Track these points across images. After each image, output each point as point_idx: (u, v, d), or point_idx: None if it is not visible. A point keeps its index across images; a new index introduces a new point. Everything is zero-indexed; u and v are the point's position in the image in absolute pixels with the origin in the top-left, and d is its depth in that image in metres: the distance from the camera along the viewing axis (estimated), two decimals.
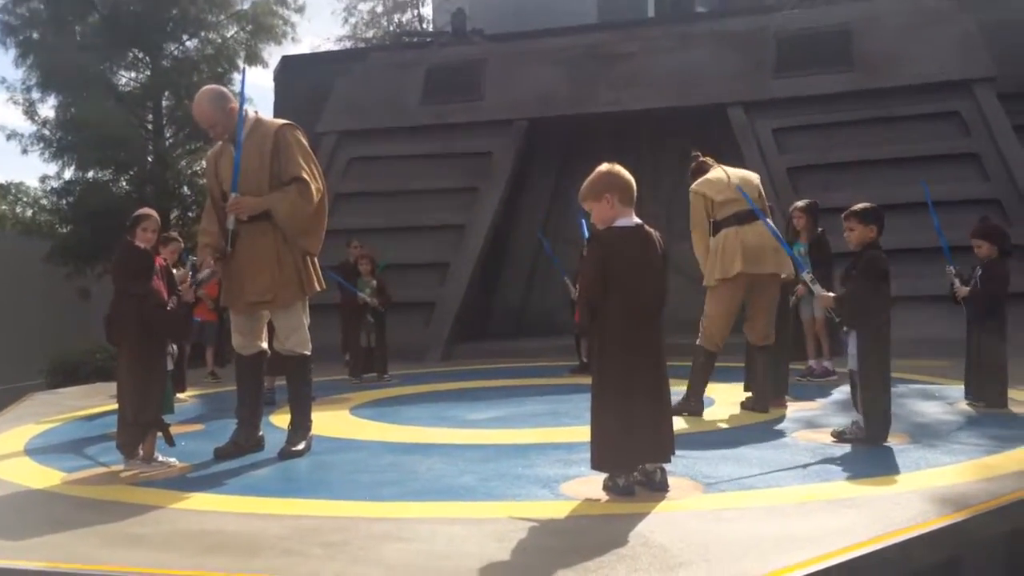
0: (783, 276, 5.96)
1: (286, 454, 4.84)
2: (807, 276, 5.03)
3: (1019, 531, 3.35)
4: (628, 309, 3.69)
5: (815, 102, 11.91)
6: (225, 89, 5.03)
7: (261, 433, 5.11)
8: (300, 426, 5.03)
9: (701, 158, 6.23)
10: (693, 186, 6.05)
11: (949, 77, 11.51)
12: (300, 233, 4.91)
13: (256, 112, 5.08)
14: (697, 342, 5.99)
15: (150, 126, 17.52)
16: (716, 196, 5.89)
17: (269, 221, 4.83)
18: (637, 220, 3.81)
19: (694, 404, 5.89)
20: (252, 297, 4.84)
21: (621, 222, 3.77)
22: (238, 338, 5.05)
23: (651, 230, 3.86)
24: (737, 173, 6.04)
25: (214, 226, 5.00)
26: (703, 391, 5.95)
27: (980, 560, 3.29)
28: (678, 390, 5.79)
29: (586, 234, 4.58)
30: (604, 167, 3.85)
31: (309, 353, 5.04)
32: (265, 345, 5.14)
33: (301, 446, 4.94)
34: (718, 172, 6.05)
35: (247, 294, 4.84)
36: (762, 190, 6.08)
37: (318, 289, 5.07)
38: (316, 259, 5.09)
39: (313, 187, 4.89)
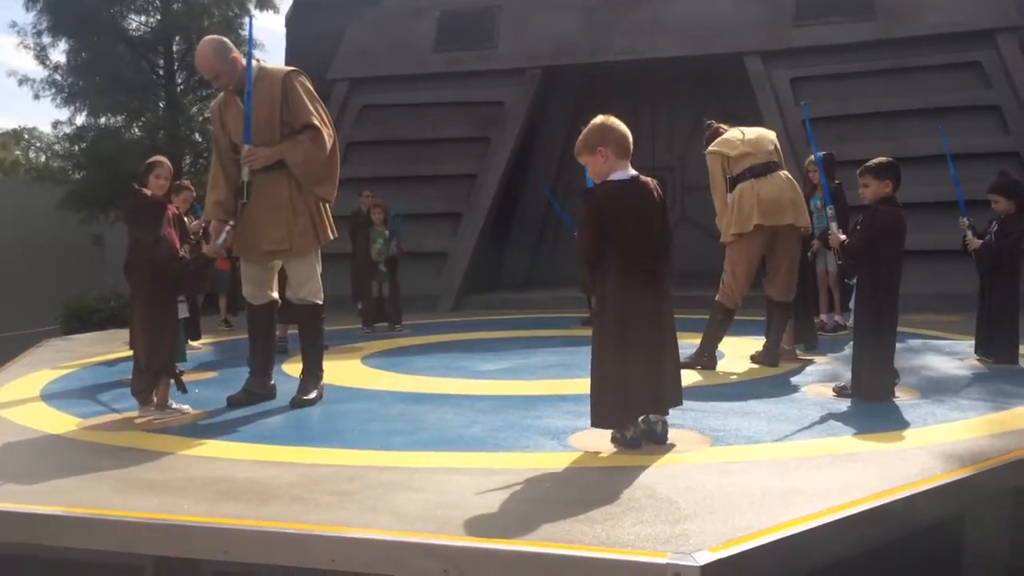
0: (802, 229, 5.90)
1: (298, 403, 4.89)
2: (829, 211, 5.08)
3: None
4: (627, 263, 3.67)
5: (834, 51, 11.68)
6: (226, 39, 4.97)
7: (273, 382, 5.16)
8: (312, 375, 5.07)
9: (715, 125, 6.19)
10: (710, 147, 6.03)
11: (971, 26, 11.26)
12: (315, 181, 4.91)
13: (259, 61, 5.02)
14: (716, 298, 5.97)
15: (161, 71, 17.40)
16: (731, 152, 5.85)
17: (283, 170, 4.83)
18: (633, 172, 3.77)
19: (707, 359, 5.90)
20: (268, 247, 4.85)
21: (616, 175, 3.73)
22: (250, 288, 5.07)
23: (648, 180, 3.81)
24: (752, 130, 5.99)
25: (223, 180, 4.97)
26: (716, 347, 5.96)
27: (986, 515, 3.30)
28: (692, 343, 5.82)
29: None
30: (598, 119, 3.80)
31: (321, 302, 5.07)
32: (276, 295, 5.16)
33: (313, 395, 4.98)
34: (733, 131, 6.04)
35: (263, 243, 4.85)
36: (778, 145, 6.01)
37: (332, 237, 5.09)
38: (329, 208, 5.09)
39: (325, 133, 4.88)
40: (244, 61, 4.87)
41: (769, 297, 6.02)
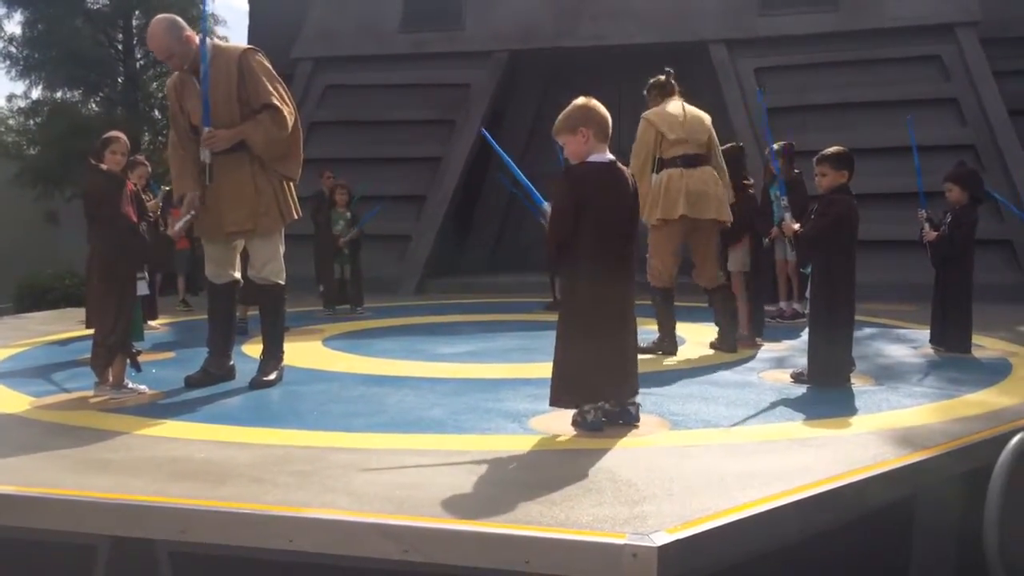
0: (723, 223, 5.95)
1: (257, 383, 4.86)
2: (783, 201, 5.18)
3: (974, 471, 3.44)
4: (597, 246, 3.68)
5: (798, 42, 11.79)
6: (178, 18, 4.86)
7: (232, 362, 5.10)
8: (272, 356, 5.03)
9: (671, 80, 6.08)
10: (647, 113, 5.94)
11: (933, 20, 11.43)
12: (278, 160, 4.87)
13: (213, 40, 4.93)
14: (650, 283, 5.97)
15: (120, 46, 17.04)
16: (669, 134, 5.81)
17: (245, 151, 4.78)
18: (611, 157, 3.78)
19: (668, 344, 5.94)
20: (231, 227, 4.81)
21: (595, 158, 3.74)
22: (211, 267, 5.01)
23: (623, 167, 3.84)
24: (692, 113, 5.94)
25: (189, 162, 4.86)
26: (673, 329, 6.00)
27: (935, 499, 3.38)
28: (651, 328, 5.86)
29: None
30: (580, 100, 3.80)
31: (283, 283, 5.03)
32: (238, 274, 5.11)
33: (273, 376, 4.95)
34: (676, 107, 5.92)
35: (226, 224, 4.80)
36: (713, 134, 6.01)
37: (296, 217, 5.05)
38: (293, 187, 5.05)
39: (285, 111, 4.83)
40: (198, 40, 4.77)
41: (701, 286, 6.11)
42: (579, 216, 3.68)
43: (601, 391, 3.75)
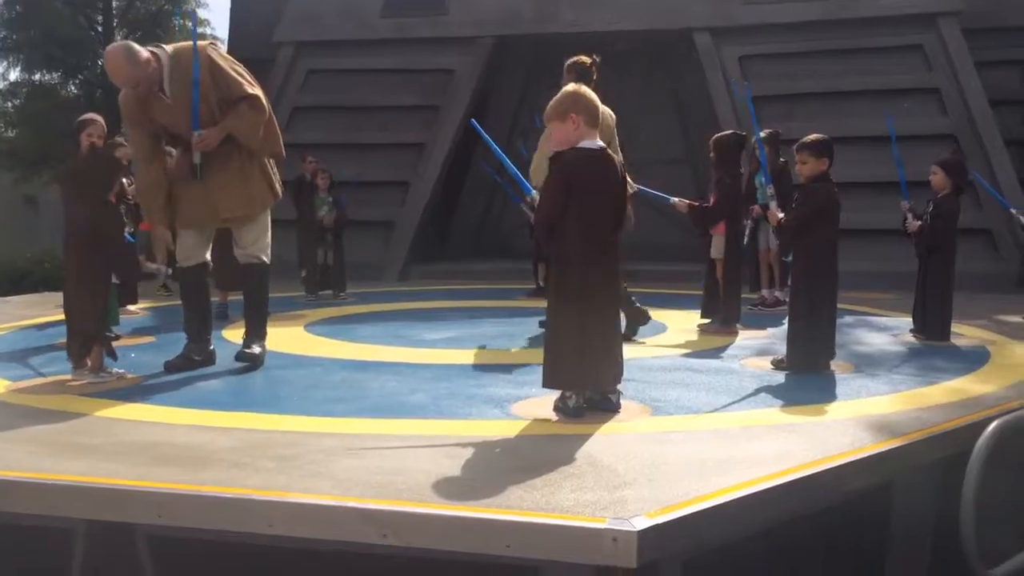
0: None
1: (243, 356, 4.90)
2: (770, 190, 5.24)
3: (950, 458, 3.47)
4: (586, 232, 3.69)
5: (782, 30, 11.80)
6: (131, 43, 4.78)
7: (212, 347, 5.07)
8: (257, 331, 5.06)
9: (593, 67, 6.22)
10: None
11: (915, 10, 11.46)
12: (262, 143, 4.92)
13: (166, 48, 4.84)
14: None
15: (100, 27, 16.84)
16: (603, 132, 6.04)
17: (231, 143, 4.81)
18: (601, 143, 3.78)
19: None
20: (227, 213, 4.85)
21: (585, 144, 3.74)
22: (184, 251, 5.00)
23: (613, 155, 3.84)
24: (603, 112, 6.08)
25: (156, 186, 4.82)
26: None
27: (912, 485, 3.42)
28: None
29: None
30: (571, 87, 3.81)
31: (268, 260, 5.08)
32: (208, 256, 5.10)
33: (257, 349, 4.97)
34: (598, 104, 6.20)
35: (221, 211, 4.83)
36: (615, 131, 6.20)
37: (278, 196, 5.12)
38: (278, 165, 5.13)
39: (259, 93, 4.88)
40: (155, 60, 4.67)
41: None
42: (568, 202, 3.68)
43: (590, 376, 3.76)
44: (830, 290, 4.80)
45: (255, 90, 4.86)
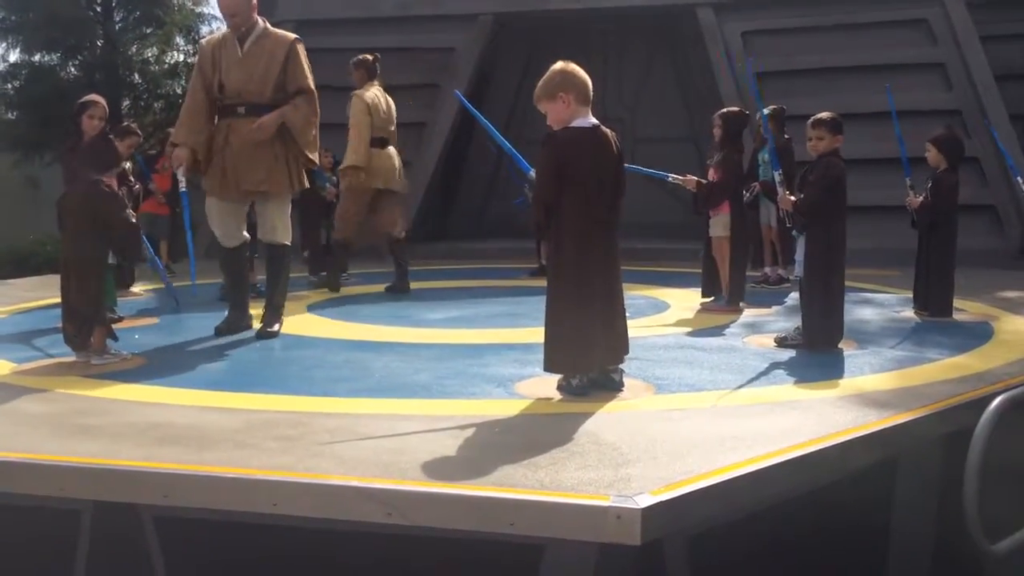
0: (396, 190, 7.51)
1: (263, 334, 5.21)
2: (777, 176, 5.19)
3: (954, 434, 3.48)
4: (583, 210, 3.67)
5: (785, 5, 11.69)
6: None
7: (250, 315, 5.47)
8: (276, 307, 5.40)
9: (376, 64, 7.60)
10: (364, 94, 7.24)
11: None
12: (307, 142, 5.29)
13: (266, 23, 5.31)
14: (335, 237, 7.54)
15: (99, 8, 16.72)
16: (375, 119, 7.21)
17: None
18: (594, 120, 3.75)
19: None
20: (248, 186, 5.16)
21: (578, 122, 3.70)
22: (221, 230, 5.31)
23: (607, 131, 3.80)
24: (388, 100, 7.51)
25: (205, 119, 5.18)
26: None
27: (916, 461, 3.42)
28: (635, 294, 5.87)
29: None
30: (559, 65, 3.75)
31: (289, 243, 5.45)
32: (247, 235, 5.46)
33: (276, 328, 5.31)
34: (379, 94, 7.41)
35: (243, 183, 5.14)
36: (394, 119, 7.49)
37: (304, 186, 5.50)
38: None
39: (315, 94, 5.34)
40: (256, 14, 5.23)
41: (389, 234, 7.59)
42: (563, 181, 3.65)
43: (591, 357, 3.75)
44: (842, 268, 4.79)
45: (313, 86, 5.29)
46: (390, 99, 7.57)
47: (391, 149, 7.47)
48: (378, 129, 7.25)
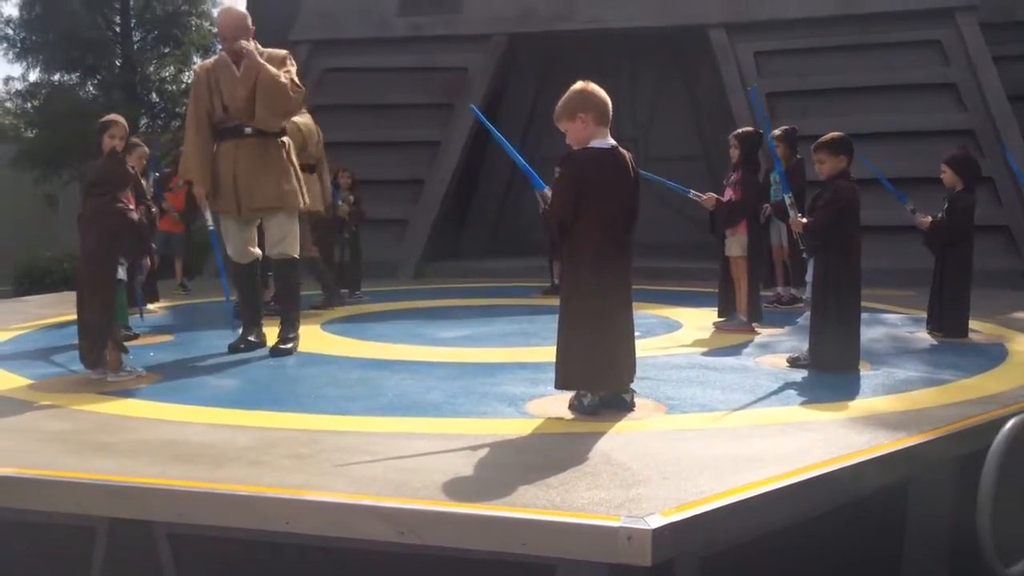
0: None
1: (277, 351, 5.28)
2: (788, 199, 5.17)
3: (968, 456, 3.46)
4: (600, 231, 3.69)
5: (797, 26, 11.73)
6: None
7: (264, 332, 5.55)
8: (291, 322, 5.47)
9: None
10: (302, 121, 7.13)
11: (932, 4, 11.37)
12: (272, 120, 5.33)
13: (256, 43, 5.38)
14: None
15: (118, 28, 16.95)
16: (309, 144, 7.25)
17: (274, 137, 5.30)
18: (612, 141, 3.77)
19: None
20: (258, 203, 5.24)
21: (596, 143, 3.73)
22: (233, 248, 5.41)
23: (625, 152, 3.83)
24: (317, 128, 7.67)
25: (210, 156, 5.25)
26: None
27: (929, 483, 3.40)
28: (647, 313, 5.88)
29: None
30: (579, 85, 3.78)
31: (297, 256, 5.52)
32: (259, 251, 5.52)
33: (291, 344, 5.40)
34: (310, 120, 7.48)
35: (254, 201, 5.23)
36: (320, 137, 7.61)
37: (306, 204, 5.58)
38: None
39: (295, 88, 5.33)
40: (252, 38, 5.31)
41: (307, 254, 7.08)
42: (580, 201, 3.68)
43: (603, 375, 3.76)
44: (856, 289, 4.77)
45: (299, 84, 5.35)
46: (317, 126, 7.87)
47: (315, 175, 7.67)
48: (310, 156, 7.32)
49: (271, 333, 5.50)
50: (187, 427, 3.63)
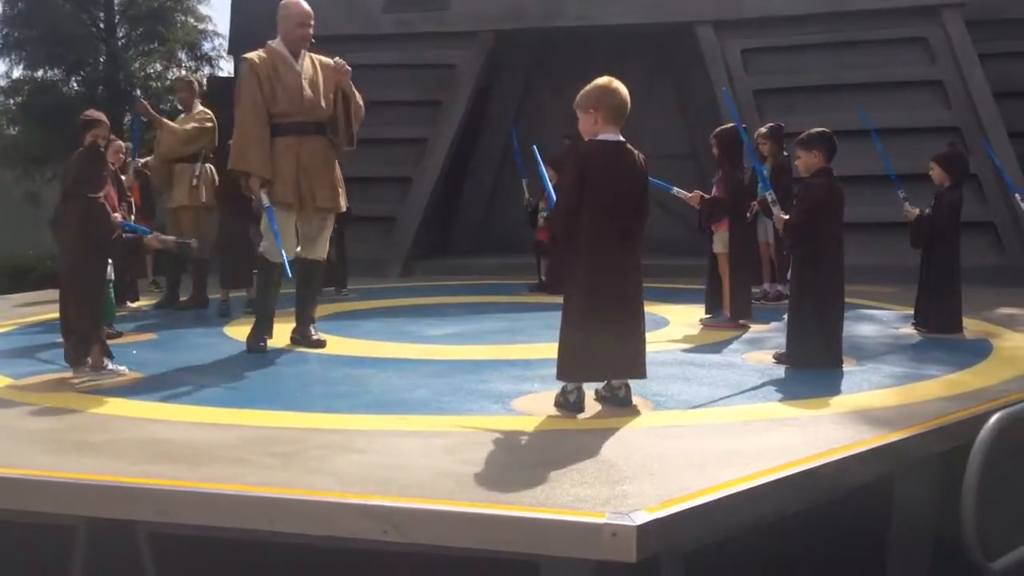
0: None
1: (317, 343, 5.42)
2: (769, 196, 5.15)
3: (952, 451, 3.47)
4: (600, 223, 3.69)
5: (784, 23, 11.73)
6: None
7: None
8: (312, 321, 5.58)
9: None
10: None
11: (919, 2, 11.41)
12: (349, 136, 5.60)
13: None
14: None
15: (102, 24, 16.81)
16: None
17: (326, 136, 5.40)
18: (620, 138, 3.79)
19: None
20: (321, 203, 5.31)
21: (604, 136, 3.75)
22: (286, 243, 5.29)
23: (633, 149, 3.83)
24: None
25: (268, 151, 5.19)
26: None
27: (914, 478, 3.41)
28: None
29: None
30: (602, 80, 3.82)
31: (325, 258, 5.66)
32: (298, 249, 5.48)
33: (322, 335, 5.54)
34: None
35: (319, 200, 5.30)
36: None
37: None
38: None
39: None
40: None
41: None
42: (582, 191, 3.68)
43: (592, 367, 3.75)
44: (836, 287, 4.77)
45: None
46: None
47: None
48: None
49: (246, 330, 5.47)
50: (170, 426, 3.60)
